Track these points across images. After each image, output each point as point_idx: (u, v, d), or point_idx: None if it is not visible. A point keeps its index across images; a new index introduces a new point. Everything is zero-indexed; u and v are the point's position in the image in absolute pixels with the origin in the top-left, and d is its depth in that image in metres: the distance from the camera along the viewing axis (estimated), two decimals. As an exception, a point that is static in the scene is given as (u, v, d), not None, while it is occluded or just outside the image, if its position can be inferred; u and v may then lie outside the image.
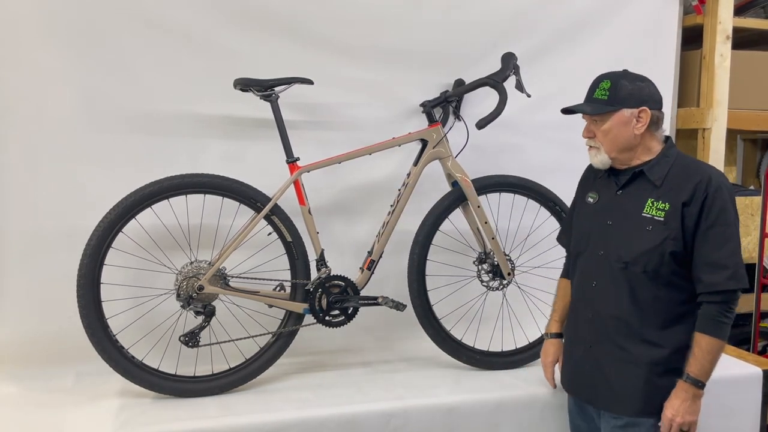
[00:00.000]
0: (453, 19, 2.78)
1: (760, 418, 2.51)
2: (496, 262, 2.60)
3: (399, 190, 2.54)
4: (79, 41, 2.39)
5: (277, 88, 2.36)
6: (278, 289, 2.41)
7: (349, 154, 2.45)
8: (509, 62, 2.42)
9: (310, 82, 2.40)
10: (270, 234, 2.39)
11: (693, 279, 1.89)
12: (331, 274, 2.43)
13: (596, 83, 1.98)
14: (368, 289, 2.50)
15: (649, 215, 1.91)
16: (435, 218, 2.52)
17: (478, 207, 2.54)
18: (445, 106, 2.72)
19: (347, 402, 2.21)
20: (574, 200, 2.23)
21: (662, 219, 1.88)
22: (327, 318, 2.42)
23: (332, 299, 2.40)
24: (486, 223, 2.55)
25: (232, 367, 2.34)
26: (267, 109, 2.37)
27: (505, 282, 2.62)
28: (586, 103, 1.99)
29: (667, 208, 1.88)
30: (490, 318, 2.74)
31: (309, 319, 2.41)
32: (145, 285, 2.41)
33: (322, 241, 2.43)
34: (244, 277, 2.38)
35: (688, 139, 3.40)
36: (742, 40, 3.60)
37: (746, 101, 3.41)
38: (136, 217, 2.23)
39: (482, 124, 2.34)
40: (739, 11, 3.53)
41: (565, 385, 2.18)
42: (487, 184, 2.59)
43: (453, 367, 2.55)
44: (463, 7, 2.79)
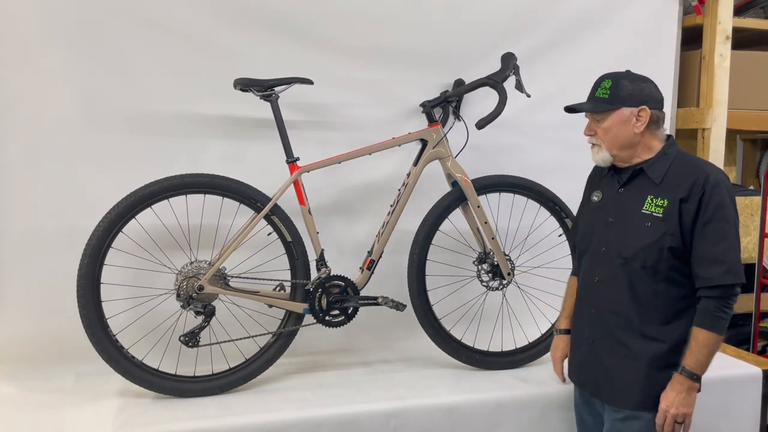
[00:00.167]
0: (453, 19, 2.78)
1: (760, 418, 2.51)
2: (495, 262, 2.60)
3: (399, 190, 2.54)
4: (79, 41, 2.39)
5: (277, 88, 2.36)
6: (278, 289, 2.41)
7: (349, 154, 2.45)
8: (509, 62, 2.43)
9: (310, 82, 2.40)
10: (270, 234, 2.39)
11: (692, 275, 1.91)
12: (331, 274, 2.43)
13: (598, 82, 2.03)
14: (368, 289, 2.50)
15: (648, 212, 1.94)
16: (435, 218, 2.53)
17: (478, 207, 2.54)
18: (445, 106, 2.72)
19: (347, 402, 2.21)
20: (582, 200, 2.26)
21: (661, 215, 1.91)
22: (327, 318, 2.42)
23: (332, 299, 2.40)
24: (486, 223, 2.55)
25: (232, 367, 2.34)
26: (267, 109, 2.37)
27: (505, 282, 2.62)
28: (587, 101, 2.04)
29: (665, 204, 1.91)
30: (490, 318, 2.74)
31: (309, 319, 2.41)
32: (145, 285, 2.41)
33: (322, 241, 2.44)
34: (244, 277, 2.38)
35: (687, 139, 3.40)
36: (742, 40, 3.60)
37: (746, 101, 3.41)
38: (136, 217, 2.23)
39: (482, 124, 2.35)
40: (738, 11, 3.53)
41: (572, 378, 2.22)
42: (487, 184, 2.59)
43: (453, 367, 2.55)
44: (463, 7, 2.79)
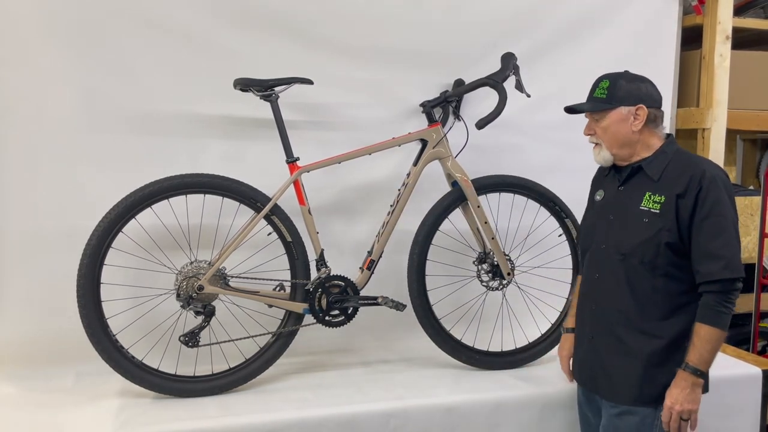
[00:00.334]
0: (453, 19, 2.78)
1: (759, 418, 2.51)
2: (495, 262, 2.60)
3: (399, 190, 2.54)
4: (79, 41, 2.39)
5: (277, 88, 2.36)
6: (278, 289, 2.41)
7: (349, 154, 2.45)
8: (509, 62, 2.43)
9: (310, 82, 2.40)
10: (270, 234, 2.39)
11: (692, 271, 1.92)
12: (331, 274, 2.43)
13: (596, 83, 2.05)
14: (368, 289, 2.50)
15: (645, 208, 1.95)
16: (435, 218, 2.53)
17: (478, 207, 2.54)
18: (444, 106, 2.72)
19: (347, 402, 2.21)
20: (587, 203, 2.26)
21: (658, 211, 1.93)
22: (327, 318, 2.42)
23: (332, 299, 2.40)
24: (486, 223, 2.55)
25: (231, 367, 2.34)
26: (267, 109, 2.37)
27: (505, 282, 2.62)
28: (586, 102, 2.06)
29: (662, 200, 1.92)
30: (490, 318, 2.74)
31: (309, 319, 2.41)
32: (145, 285, 2.40)
33: (322, 241, 2.43)
34: (244, 277, 2.38)
35: (687, 139, 3.40)
36: (742, 40, 3.60)
37: (746, 101, 3.41)
38: (136, 217, 2.23)
39: (482, 124, 2.35)
40: (738, 11, 3.53)
41: (575, 376, 2.22)
42: (487, 184, 2.59)
43: (452, 366, 2.55)
44: (463, 7, 2.79)
